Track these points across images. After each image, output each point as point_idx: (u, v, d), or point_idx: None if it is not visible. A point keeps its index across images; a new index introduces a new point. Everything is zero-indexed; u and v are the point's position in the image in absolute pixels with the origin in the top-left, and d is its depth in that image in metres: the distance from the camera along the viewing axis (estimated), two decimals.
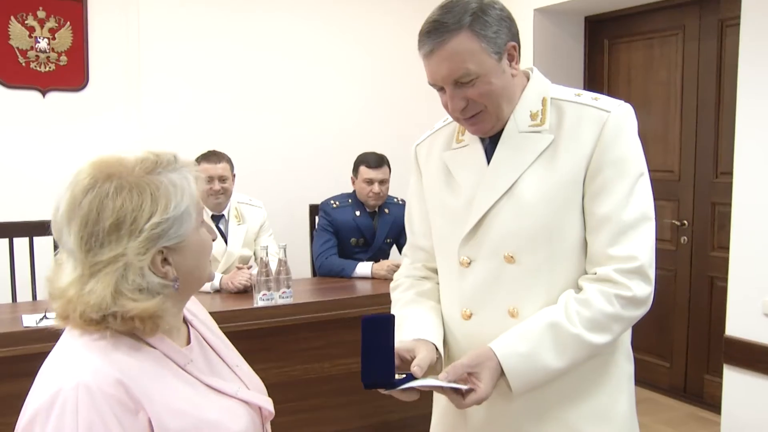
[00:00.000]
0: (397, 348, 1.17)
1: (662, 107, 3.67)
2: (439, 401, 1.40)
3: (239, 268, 2.78)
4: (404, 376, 1.14)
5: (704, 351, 3.51)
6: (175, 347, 1.03)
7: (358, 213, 3.22)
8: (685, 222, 3.57)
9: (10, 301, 2.84)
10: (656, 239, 1.23)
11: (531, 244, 1.21)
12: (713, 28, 3.40)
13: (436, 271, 1.40)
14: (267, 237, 3.18)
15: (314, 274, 3.32)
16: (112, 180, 0.94)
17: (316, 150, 3.98)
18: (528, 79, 1.29)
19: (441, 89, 1.23)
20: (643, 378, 3.76)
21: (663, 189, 3.64)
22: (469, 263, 1.27)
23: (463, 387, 1.13)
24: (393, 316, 1.12)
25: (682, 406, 3.54)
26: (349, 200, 3.25)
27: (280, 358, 2.53)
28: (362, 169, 3.19)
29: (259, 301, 2.50)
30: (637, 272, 1.17)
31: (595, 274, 1.19)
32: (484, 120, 1.24)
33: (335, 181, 3.63)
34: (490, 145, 1.28)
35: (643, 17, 3.74)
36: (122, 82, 3.51)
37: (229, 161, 3.03)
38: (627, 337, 1.32)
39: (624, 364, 1.30)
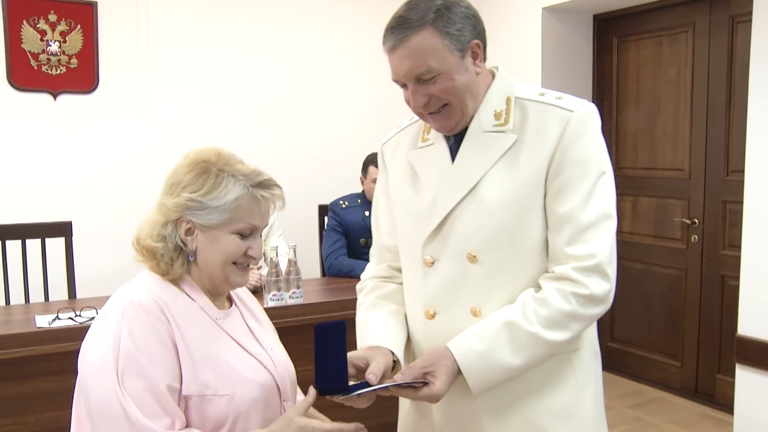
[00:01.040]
0: (351, 357, 1.18)
1: (672, 105, 3.65)
2: (404, 401, 1.41)
3: None
4: (359, 383, 1.15)
5: (716, 350, 3.48)
6: (210, 305, 1.26)
7: (367, 213, 3.23)
8: (696, 220, 3.54)
9: (23, 302, 2.87)
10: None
11: (493, 244, 1.22)
12: (724, 25, 3.37)
13: (401, 271, 1.40)
14: (277, 237, 3.18)
15: (324, 274, 3.33)
16: (199, 161, 1.24)
17: (325, 150, 3.99)
18: (493, 78, 1.28)
19: (404, 86, 1.23)
20: (654, 377, 3.74)
21: (673, 187, 3.62)
22: (433, 263, 1.27)
23: (417, 383, 1.14)
24: (344, 323, 1.13)
25: (694, 405, 3.52)
26: (359, 200, 3.26)
27: (291, 359, 2.53)
28: (371, 169, 3.19)
29: (269, 301, 2.51)
30: (595, 270, 1.17)
31: (554, 272, 1.20)
32: (448, 116, 1.23)
33: (344, 181, 3.64)
34: (455, 144, 1.28)
35: (652, 15, 3.72)
36: (132, 84, 3.54)
37: None
38: (593, 334, 1.32)
39: (590, 361, 1.30)
